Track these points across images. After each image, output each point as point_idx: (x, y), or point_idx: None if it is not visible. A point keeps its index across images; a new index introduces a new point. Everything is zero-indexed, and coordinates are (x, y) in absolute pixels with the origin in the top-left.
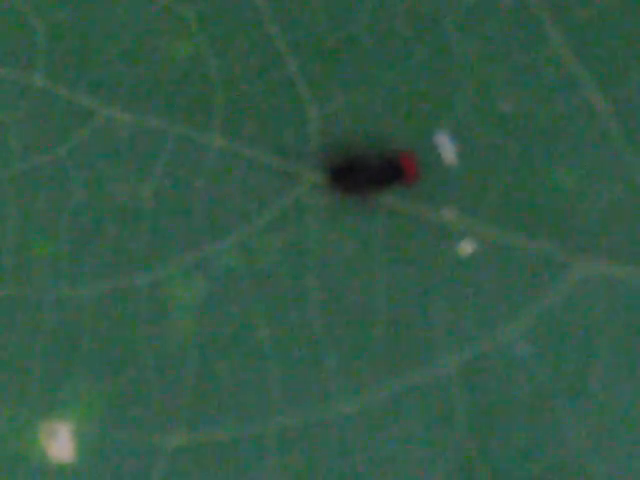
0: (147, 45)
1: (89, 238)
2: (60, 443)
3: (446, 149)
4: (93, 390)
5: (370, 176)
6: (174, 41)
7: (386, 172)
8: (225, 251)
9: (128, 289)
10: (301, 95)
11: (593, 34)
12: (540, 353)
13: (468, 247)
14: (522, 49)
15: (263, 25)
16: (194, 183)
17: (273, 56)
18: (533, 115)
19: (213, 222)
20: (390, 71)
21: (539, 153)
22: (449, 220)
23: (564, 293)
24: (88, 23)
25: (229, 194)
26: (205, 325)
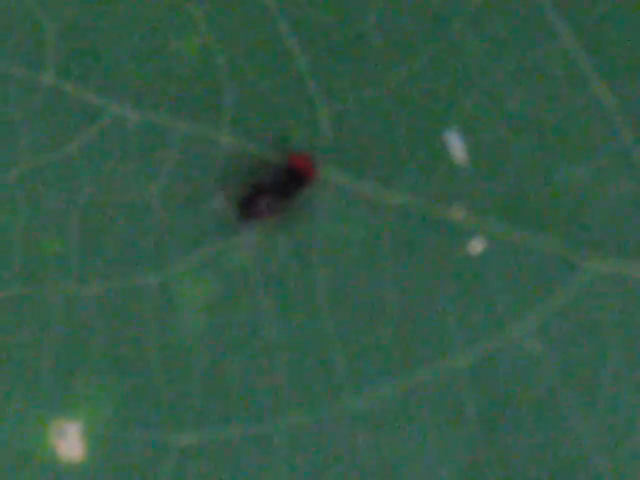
0: (156, 43)
1: (98, 236)
2: (69, 442)
3: (455, 147)
4: (102, 389)
5: (273, 194)
6: (183, 39)
7: (286, 184)
8: (235, 249)
9: (137, 287)
10: (310, 93)
11: (602, 31)
12: (551, 351)
13: (478, 245)
14: (531, 46)
15: (272, 23)
16: (203, 180)
17: (282, 54)
18: (542, 112)
19: (222, 220)
20: (399, 69)
21: (548, 151)
22: (458, 218)
23: (574, 291)
24: (97, 21)
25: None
26: (215, 323)
